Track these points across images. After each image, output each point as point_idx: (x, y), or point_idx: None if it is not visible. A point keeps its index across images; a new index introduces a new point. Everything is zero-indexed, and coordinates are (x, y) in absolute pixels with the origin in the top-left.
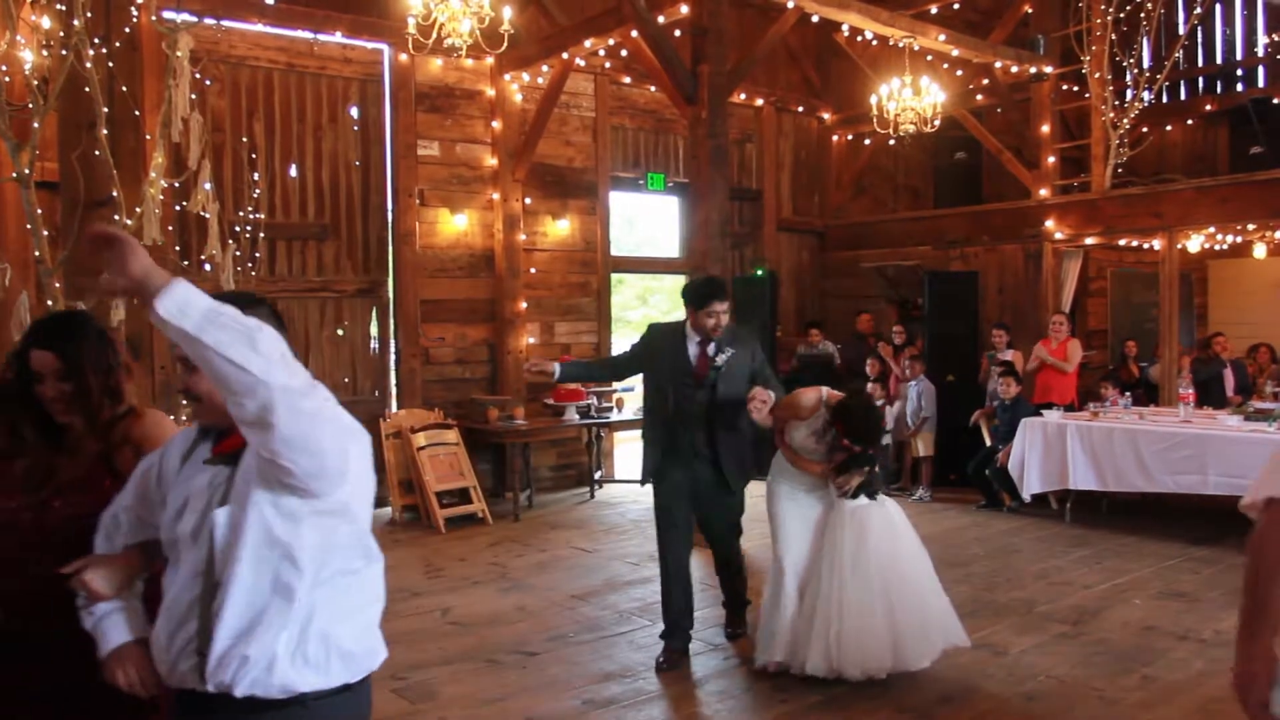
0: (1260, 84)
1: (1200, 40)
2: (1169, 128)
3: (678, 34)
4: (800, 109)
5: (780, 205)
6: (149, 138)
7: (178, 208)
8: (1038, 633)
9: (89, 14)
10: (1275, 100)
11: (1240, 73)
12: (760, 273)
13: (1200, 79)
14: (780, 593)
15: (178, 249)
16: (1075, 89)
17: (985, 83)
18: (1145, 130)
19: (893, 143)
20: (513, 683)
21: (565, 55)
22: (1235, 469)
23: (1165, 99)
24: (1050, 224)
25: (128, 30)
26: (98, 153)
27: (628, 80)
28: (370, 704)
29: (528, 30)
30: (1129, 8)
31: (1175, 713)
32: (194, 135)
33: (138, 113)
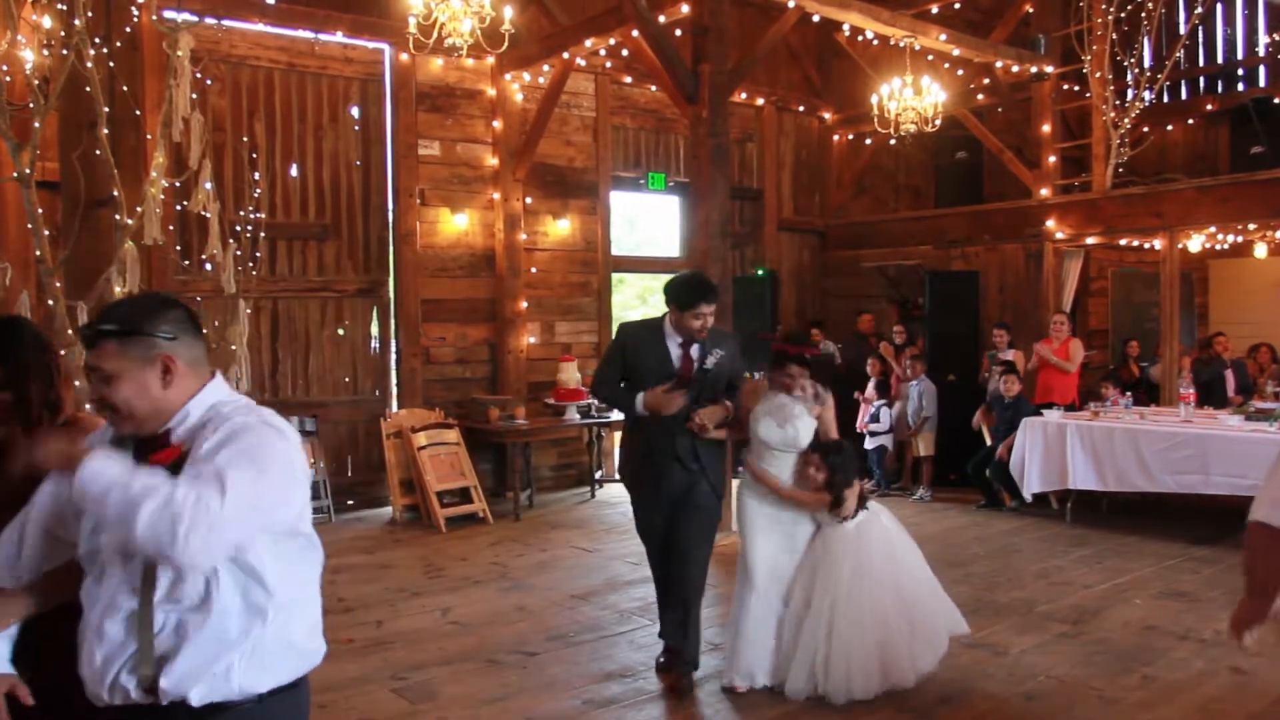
0: (1261, 83)
1: (1201, 40)
2: (1170, 127)
3: (678, 33)
4: (801, 108)
5: (781, 205)
6: (150, 137)
7: (178, 207)
8: (1038, 632)
9: (90, 13)
10: (1276, 100)
11: (1241, 72)
12: (761, 272)
13: (1201, 78)
14: (745, 613)
15: (178, 249)
16: (1076, 88)
17: (986, 82)
18: (1146, 130)
19: (894, 142)
20: (513, 683)
21: (566, 55)
22: (1236, 469)
23: (1166, 98)
24: (1051, 223)
25: (128, 30)
26: (98, 152)
27: (628, 80)
28: (309, 697)
29: (528, 30)
30: (1130, 7)
31: (1175, 712)
32: (195, 135)
33: (138, 112)
